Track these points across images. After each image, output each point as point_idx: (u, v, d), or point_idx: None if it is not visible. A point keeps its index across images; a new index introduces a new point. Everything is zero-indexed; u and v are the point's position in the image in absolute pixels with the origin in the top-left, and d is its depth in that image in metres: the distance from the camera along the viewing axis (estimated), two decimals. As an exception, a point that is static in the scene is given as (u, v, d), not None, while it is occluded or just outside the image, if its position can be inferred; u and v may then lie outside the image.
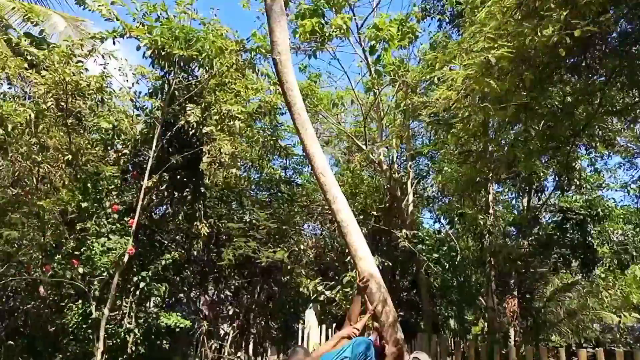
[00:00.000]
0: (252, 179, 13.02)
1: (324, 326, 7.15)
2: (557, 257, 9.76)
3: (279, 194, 12.35)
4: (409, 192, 11.99)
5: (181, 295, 12.01)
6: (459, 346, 6.07)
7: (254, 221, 11.15)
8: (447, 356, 5.80)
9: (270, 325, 14.49)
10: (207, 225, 9.87)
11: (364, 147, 12.14)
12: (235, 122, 8.75)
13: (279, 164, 13.98)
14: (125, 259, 8.37)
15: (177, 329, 9.44)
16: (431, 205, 13.76)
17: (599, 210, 9.23)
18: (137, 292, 8.87)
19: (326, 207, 12.53)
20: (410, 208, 12.02)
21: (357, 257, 4.97)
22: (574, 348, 6.83)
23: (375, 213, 13.70)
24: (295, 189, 12.67)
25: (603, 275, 10.94)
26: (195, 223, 9.85)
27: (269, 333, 14.77)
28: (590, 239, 9.20)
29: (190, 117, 8.51)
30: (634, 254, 9.80)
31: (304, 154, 5.82)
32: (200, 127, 8.79)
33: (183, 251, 11.06)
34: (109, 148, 9.69)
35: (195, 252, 10.79)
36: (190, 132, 8.93)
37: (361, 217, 13.41)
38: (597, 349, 4.77)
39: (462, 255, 11.14)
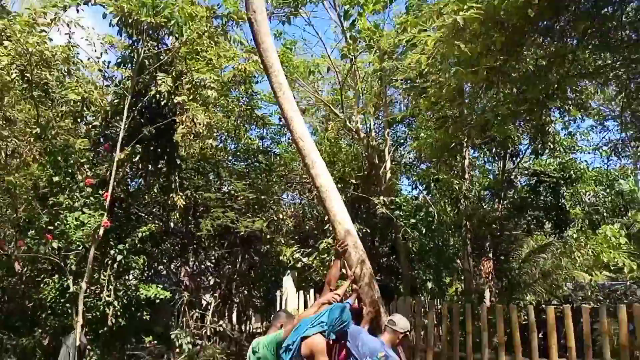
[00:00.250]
0: (228, 149, 12.88)
1: (301, 292, 7.23)
2: (530, 219, 9.96)
3: (257, 164, 12.26)
4: (386, 160, 12.01)
5: (161, 267, 12.01)
6: (433, 306, 6.21)
7: (232, 192, 11.09)
8: (422, 315, 5.94)
9: (253, 294, 14.64)
10: (184, 196, 9.80)
11: (341, 115, 12.06)
12: (208, 91, 8.56)
13: (256, 134, 13.87)
14: (101, 232, 8.29)
15: (158, 301, 9.48)
16: (409, 171, 13.83)
17: (572, 172, 9.40)
18: (115, 265, 8.84)
19: (304, 175, 12.53)
20: (388, 175, 12.07)
21: (335, 221, 4.99)
22: (543, 306, 7.04)
23: (353, 181, 13.73)
24: (273, 159, 12.59)
25: (575, 236, 11.22)
26: (171, 195, 9.77)
27: (251, 302, 14.94)
28: (563, 200, 9.39)
29: (161, 87, 8.31)
30: (605, 214, 10.06)
31: (282, 117, 5.71)
32: (172, 97, 8.59)
33: (160, 223, 11.01)
34: (78, 120, 9.45)
35: (173, 224, 10.73)
36: (162, 103, 8.74)
37: (340, 185, 13.43)
38: (564, 305, 4.92)
39: (439, 220, 11.30)
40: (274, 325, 4.24)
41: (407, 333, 4.11)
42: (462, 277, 11.26)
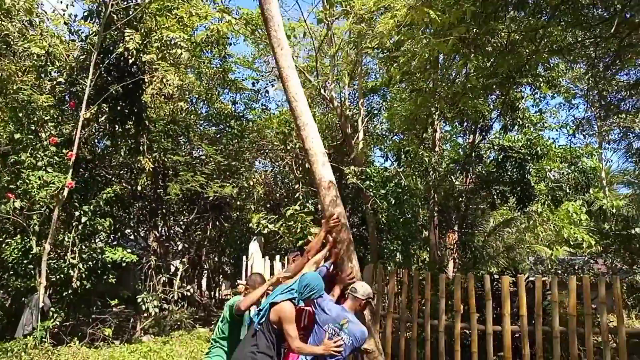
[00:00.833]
0: (200, 113, 12.64)
1: (267, 258, 7.26)
2: (496, 194, 10.14)
3: (229, 129, 12.07)
4: (359, 130, 12.00)
5: (128, 231, 11.88)
6: (394, 274, 6.33)
7: (202, 156, 10.94)
8: (384, 283, 6.05)
9: (223, 260, 14.68)
10: (152, 159, 9.64)
11: (315, 82, 11.92)
12: (178, 50, 8.32)
13: (229, 99, 13.63)
14: (65, 193, 8.10)
15: (124, 264, 9.41)
16: (381, 142, 13.87)
17: (538, 149, 9.54)
18: (80, 227, 8.70)
19: (276, 142, 12.46)
20: (361, 145, 12.08)
21: (321, 186, 4.82)
22: (496, 275, 7.27)
23: (326, 150, 13.71)
24: (245, 125, 12.40)
25: (539, 211, 11.50)
26: (139, 157, 9.59)
27: (221, 268, 14.99)
28: (528, 176, 9.55)
29: (130, 44, 8.03)
30: (568, 191, 10.31)
31: (279, 75, 5.46)
32: (141, 55, 8.32)
33: (128, 186, 10.82)
34: (42, 76, 9.08)
35: (141, 187, 10.56)
36: (130, 61, 8.46)
37: (313, 154, 13.41)
38: (518, 275, 5.08)
39: (408, 191, 11.42)
40: (251, 287, 4.28)
41: (370, 300, 4.16)
42: (428, 248, 11.48)
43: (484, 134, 11.20)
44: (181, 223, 12.04)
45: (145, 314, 10.13)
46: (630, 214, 15.78)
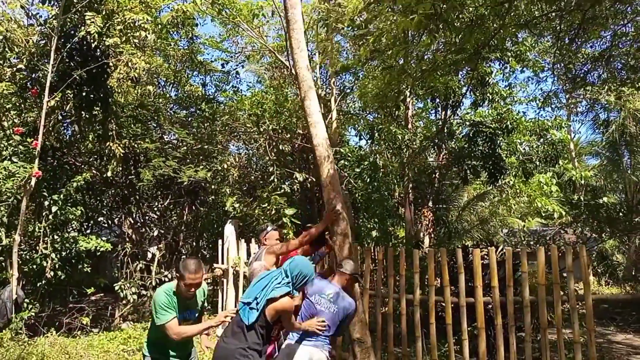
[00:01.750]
0: (169, 96, 12.36)
1: (243, 241, 7.25)
2: (468, 169, 10.30)
3: (199, 112, 11.86)
4: (332, 109, 11.96)
5: (101, 218, 11.68)
6: (369, 251, 6.41)
7: (173, 140, 10.76)
8: (361, 260, 6.13)
9: (200, 245, 14.59)
10: (122, 145, 9.44)
11: (286, 62, 11.78)
12: (142, 33, 8.08)
13: (198, 81, 13.37)
14: (33, 182, 7.89)
15: (99, 253, 9.28)
16: (355, 121, 13.88)
17: (508, 123, 9.71)
18: (51, 217, 8.51)
19: (249, 124, 12.33)
20: (334, 125, 12.06)
21: (325, 183, 5.15)
22: (469, 248, 7.43)
23: (300, 131, 13.65)
24: (217, 107, 12.20)
25: (511, 184, 11.75)
26: (108, 144, 9.38)
27: (199, 252, 14.91)
28: (499, 150, 9.73)
29: (91, 27, 7.75)
30: (538, 163, 10.54)
31: (294, 74, 5.90)
32: (103, 38, 8.06)
33: (99, 173, 10.61)
34: (1, 62, 8.73)
35: (112, 174, 10.35)
36: (93, 45, 8.19)
37: (287, 135, 13.34)
38: (490, 247, 5.19)
39: (383, 169, 11.50)
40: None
41: (357, 277, 4.41)
42: (403, 225, 11.64)
43: (455, 110, 11.32)
44: (155, 209, 11.86)
45: (124, 301, 10.05)
46: (598, 184, 16.29)
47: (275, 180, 9.91)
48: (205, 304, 4.26)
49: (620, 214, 13.22)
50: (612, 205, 14.10)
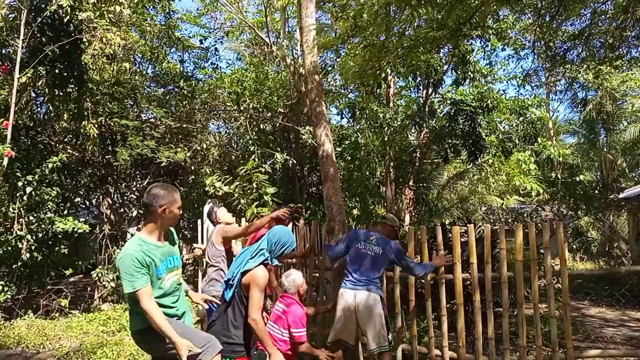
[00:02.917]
0: (146, 73, 12.05)
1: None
2: (449, 147, 10.34)
3: (178, 90, 11.61)
4: (314, 87, 11.81)
5: (78, 199, 11.47)
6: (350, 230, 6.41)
7: (151, 119, 10.54)
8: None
9: (181, 225, 14.47)
10: (98, 124, 9.21)
11: (267, 39, 11.58)
12: (117, 7, 7.81)
13: (176, 58, 13.07)
14: (5, 162, 7.66)
15: (77, 234, 9.14)
16: (336, 100, 13.77)
17: (489, 102, 9.73)
18: (25, 198, 8.31)
19: (229, 103, 12.13)
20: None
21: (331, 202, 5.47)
22: (448, 226, 7.50)
23: (282, 110, 13.52)
24: (195, 85, 11.96)
25: (490, 162, 11.86)
26: (83, 122, 9.14)
27: (181, 232, 14.79)
28: (479, 129, 9.76)
29: (63, 1, 7.45)
30: (517, 142, 10.63)
31: (307, 80, 6.40)
32: (76, 12, 7.77)
33: (75, 153, 10.37)
34: (-34, 37, 8.38)
35: (88, 154, 10.13)
36: (65, 19, 7.90)
37: (268, 114, 13.20)
38: (469, 224, 5.23)
39: (364, 148, 11.48)
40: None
41: (397, 227, 5.10)
42: (385, 203, 11.69)
43: (436, 88, 11.29)
44: (134, 189, 11.68)
45: (103, 283, 9.95)
46: (575, 162, 16.54)
47: (256, 159, 9.81)
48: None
49: (596, 191, 13.51)
50: (589, 183, 14.38)
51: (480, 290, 4.93)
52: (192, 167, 11.27)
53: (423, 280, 5.39)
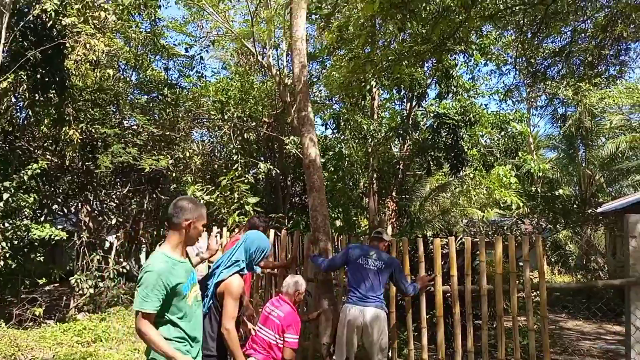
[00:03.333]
0: (130, 80, 11.95)
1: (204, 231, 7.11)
2: (431, 160, 10.45)
3: (162, 98, 11.52)
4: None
5: (56, 206, 11.27)
6: (332, 241, 6.40)
7: (133, 126, 10.43)
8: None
9: (161, 234, 14.29)
10: (79, 130, 9.09)
11: (253, 49, 11.59)
12: (102, 13, 7.76)
13: (161, 65, 12.99)
14: (-19, 168, 7.52)
15: (53, 242, 8.96)
16: (321, 111, 13.83)
17: (471, 115, 9.88)
18: (1, 204, 8.13)
19: (213, 112, 12.08)
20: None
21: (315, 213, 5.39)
22: (429, 238, 7.54)
23: (266, 119, 13.51)
24: (179, 93, 11.89)
25: (472, 176, 12.00)
26: (64, 128, 9.02)
27: (160, 242, 14.60)
28: (461, 142, 9.89)
29: (47, 5, 7.38)
30: (498, 155, 10.79)
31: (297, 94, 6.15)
32: (60, 17, 7.69)
33: (55, 159, 10.21)
34: (-54, 40, 8.22)
35: (68, 161, 9.97)
36: (49, 24, 7.82)
37: (252, 123, 13.18)
38: (449, 237, 5.26)
39: (348, 159, 11.52)
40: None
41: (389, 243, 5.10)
42: (367, 214, 11.72)
43: (420, 101, 11.41)
44: (114, 197, 11.52)
45: (79, 292, 9.74)
46: (554, 176, 16.84)
47: (239, 169, 9.76)
48: None
49: (575, 205, 13.73)
50: (567, 197, 14.64)
51: (460, 302, 4.95)
52: (174, 176, 11.16)
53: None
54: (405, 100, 11.98)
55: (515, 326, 4.72)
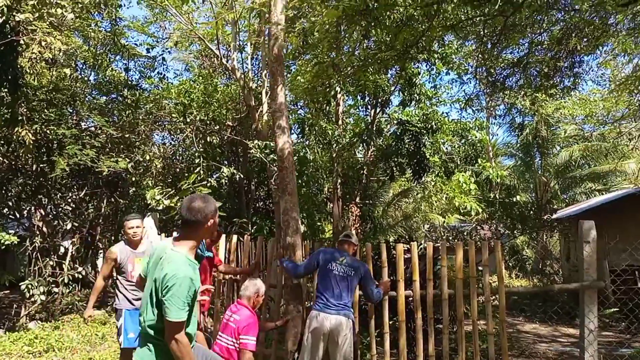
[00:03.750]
0: (88, 80, 11.57)
1: (164, 235, 6.95)
2: (394, 166, 10.58)
3: (121, 99, 11.20)
4: (263, 102, 11.77)
5: (7, 210, 10.77)
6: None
7: (91, 128, 10.08)
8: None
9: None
10: (32, 131, 8.72)
11: (217, 51, 11.45)
12: (59, 10, 7.47)
13: (121, 66, 12.64)
14: None
15: (3, 247, 8.56)
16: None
17: (433, 123, 10.07)
18: (-54, 207, 7.71)
19: (175, 114, 11.85)
20: (265, 118, 11.88)
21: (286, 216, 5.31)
22: (392, 243, 7.62)
23: (230, 123, 13.36)
24: (140, 94, 11.59)
25: (433, 182, 12.22)
26: (17, 129, 8.63)
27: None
28: (423, 149, 10.06)
29: (-2, 0, 7.05)
30: (458, 162, 11.04)
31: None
32: (13, 13, 7.37)
33: (5, 160, 9.76)
34: None
35: (21, 162, 9.54)
36: (1, 20, 7.46)
37: (216, 127, 13.00)
38: (411, 242, 5.33)
39: (313, 164, 11.51)
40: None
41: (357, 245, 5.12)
42: (331, 220, 11.74)
43: (383, 108, 11.55)
44: (70, 200, 11.09)
45: (31, 299, 9.32)
46: (512, 183, 17.38)
47: (202, 172, 9.59)
48: None
49: (531, 212, 14.19)
50: (524, 204, 15.12)
51: (422, 307, 5.00)
52: (134, 179, 10.86)
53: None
54: (369, 106, 12.09)
55: (475, 330, 4.82)
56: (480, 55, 8.08)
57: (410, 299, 5.20)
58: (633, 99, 11.21)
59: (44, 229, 10.59)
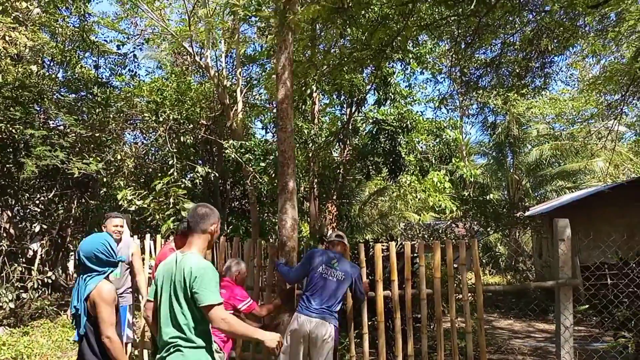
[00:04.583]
0: (55, 77, 11.19)
1: (136, 237, 6.77)
2: (370, 165, 10.60)
3: (91, 97, 10.88)
4: (238, 101, 11.64)
5: (-29, 212, 10.36)
6: (273, 247, 6.29)
7: (60, 127, 9.77)
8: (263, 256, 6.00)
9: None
10: (-2, 130, 8.41)
11: (190, 49, 11.26)
12: (23, 4, 7.22)
13: (91, 63, 12.29)
14: None
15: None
16: (261, 114, 13.68)
17: (408, 122, 10.12)
18: None
19: (147, 113, 11.60)
20: (240, 117, 11.75)
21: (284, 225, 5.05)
22: (370, 243, 7.62)
23: (204, 122, 13.18)
24: (111, 92, 11.28)
25: (409, 182, 12.30)
26: (-20, 128, 8.31)
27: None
28: (399, 148, 10.10)
29: (-41, -6, 6.77)
30: (433, 161, 11.14)
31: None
32: (-25, 8, 7.09)
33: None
34: None
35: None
36: (-38, 14, 7.17)
37: (190, 126, 12.80)
38: (391, 242, 5.32)
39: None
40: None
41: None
42: (308, 219, 11.69)
43: (359, 107, 11.56)
44: (38, 202, 10.75)
45: (1, 304, 8.98)
46: (485, 181, 17.66)
47: (175, 173, 9.41)
48: None
49: (504, 209, 14.43)
50: (497, 202, 15.37)
51: (400, 306, 5.00)
52: (105, 179, 10.59)
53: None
54: (345, 105, 12.08)
55: (453, 329, 4.84)
56: (454, 55, 8.16)
57: (389, 299, 5.19)
58: (601, 98, 11.50)
59: (11, 231, 10.24)
